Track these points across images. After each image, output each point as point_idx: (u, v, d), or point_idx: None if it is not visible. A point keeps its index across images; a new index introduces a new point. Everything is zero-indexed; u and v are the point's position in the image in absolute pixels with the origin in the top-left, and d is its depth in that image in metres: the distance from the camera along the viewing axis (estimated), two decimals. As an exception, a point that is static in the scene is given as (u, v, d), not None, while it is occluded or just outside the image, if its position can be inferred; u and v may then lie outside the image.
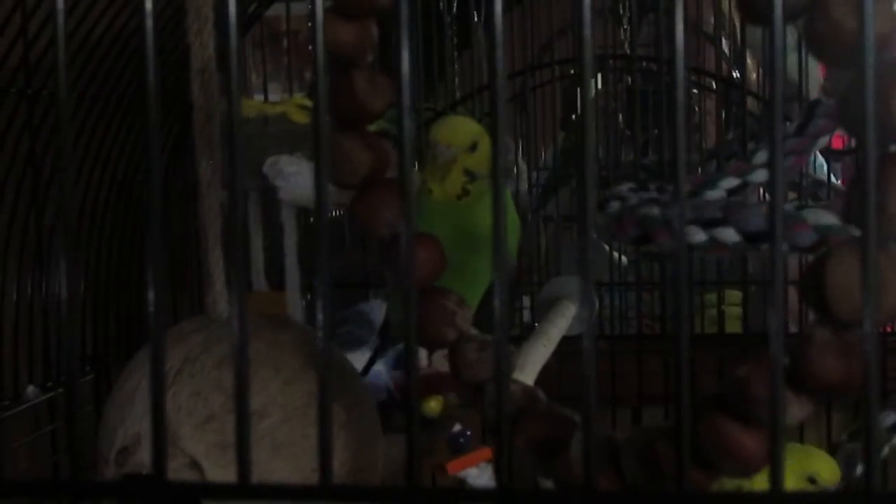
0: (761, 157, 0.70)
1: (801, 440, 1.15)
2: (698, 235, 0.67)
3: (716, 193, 0.71)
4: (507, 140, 1.55)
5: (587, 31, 0.35)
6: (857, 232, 0.40)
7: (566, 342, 1.06)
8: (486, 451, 0.90)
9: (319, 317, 0.34)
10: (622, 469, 0.48)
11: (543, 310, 1.09)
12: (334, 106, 0.54)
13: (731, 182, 0.72)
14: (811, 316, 0.41)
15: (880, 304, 0.39)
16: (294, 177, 0.96)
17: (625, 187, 0.75)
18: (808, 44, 0.40)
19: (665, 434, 0.47)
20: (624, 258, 1.60)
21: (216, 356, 0.66)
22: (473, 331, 0.58)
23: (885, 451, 0.67)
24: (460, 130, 0.88)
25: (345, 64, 0.53)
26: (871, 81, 0.33)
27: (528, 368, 0.90)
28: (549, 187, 1.71)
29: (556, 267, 1.53)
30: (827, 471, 0.76)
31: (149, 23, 0.33)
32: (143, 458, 0.65)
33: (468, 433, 0.96)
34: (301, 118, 0.97)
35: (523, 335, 1.08)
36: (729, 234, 0.66)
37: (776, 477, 0.33)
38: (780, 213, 0.33)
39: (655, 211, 0.70)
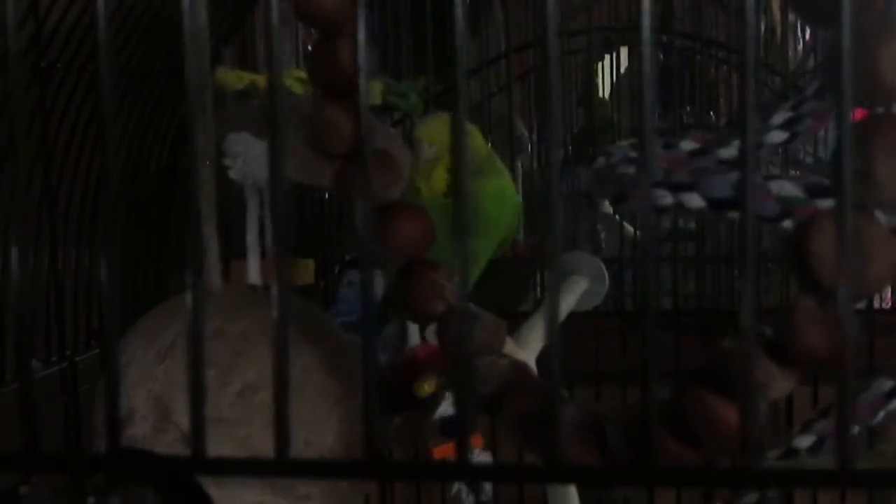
0: (778, 117, 0.68)
1: (790, 417, 1.14)
2: (666, 199, 0.66)
3: (729, 152, 0.69)
4: (517, 118, 1.53)
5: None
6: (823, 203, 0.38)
7: (577, 318, 1.05)
8: (478, 438, 0.89)
9: (274, 290, 0.33)
10: (609, 445, 0.47)
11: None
12: (319, 74, 0.53)
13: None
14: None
15: (864, 274, 0.38)
16: (241, 156, 0.95)
17: (626, 142, 0.74)
18: (790, 1, 0.38)
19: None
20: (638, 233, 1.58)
21: (209, 330, 0.66)
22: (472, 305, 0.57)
23: (881, 416, 0.66)
24: (443, 129, 0.87)
25: (329, 31, 0.52)
26: (848, 40, 0.32)
27: (531, 344, 0.89)
28: (565, 164, 1.69)
29: (570, 243, 1.51)
30: None
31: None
32: (135, 431, 0.65)
33: None
34: (299, 90, 0.97)
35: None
36: (694, 200, 0.65)
37: (749, 452, 0.32)
38: (751, 180, 0.31)
39: (631, 170, 0.69)
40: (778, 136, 0.66)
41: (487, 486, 1.06)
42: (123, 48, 0.99)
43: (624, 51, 1.75)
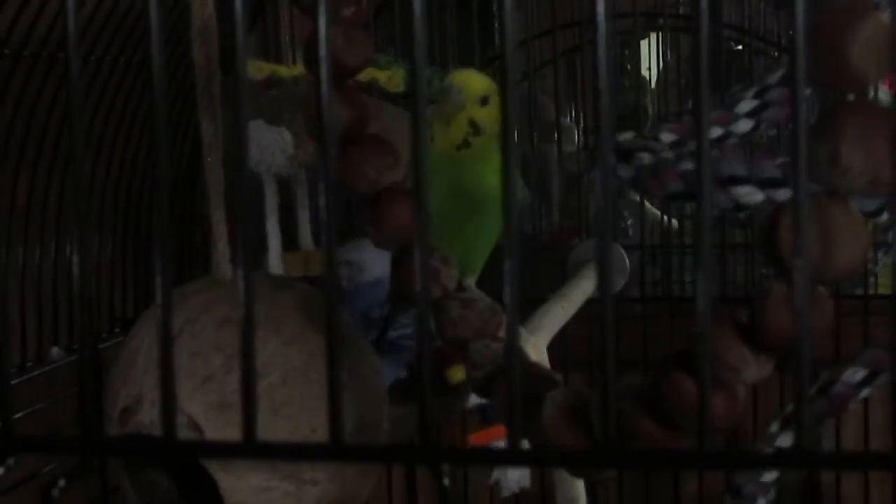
0: (744, 106, 0.67)
1: (755, 402, 1.14)
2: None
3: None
4: (544, 99, 1.54)
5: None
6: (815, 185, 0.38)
7: (598, 305, 1.05)
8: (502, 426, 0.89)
9: (241, 283, 0.34)
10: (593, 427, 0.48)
11: (573, 272, 1.08)
12: (312, 61, 0.54)
13: (714, 132, 0.69)
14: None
15: (832, 259, 0.38)
16: (254, 144, 0.96)
17: (628, 135, 0.74)
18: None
19: (632, 393, 0.46)
20: (675, 221, 1.58)
21: (217, 317, 0.67)
22: (476, 289, 0.58)
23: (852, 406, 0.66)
24: (475, 81, 0.88)
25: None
26: (802, 24, 0.32)
27: (543, 329, 0.89)
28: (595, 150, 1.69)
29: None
30: None
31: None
32: (143, 417, 0.66)
33: None
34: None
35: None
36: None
37: (703, 436, 0.32)
38: (707, 168, 0.32)
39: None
40: (744, 125, 0.65)
41: (515, 476, 1.06)
42: (142, 39, 1.00)
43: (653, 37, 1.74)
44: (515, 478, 1.06)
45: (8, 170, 0.88)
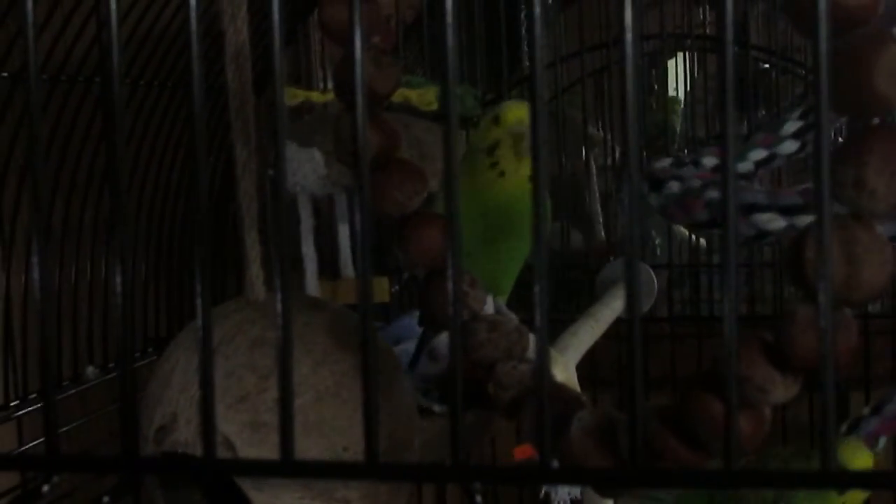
0: (790, 127, 0.68)
1: (784, 421, 1.14)
2: (776, 222, 0.65)
3: (745, 166, 0.69)
4: (575, 116, 1.54)
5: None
6: (841, 209, 0.39)
7: (627, 324, 1.05)
8: None
9: (279, 305, 0.35)
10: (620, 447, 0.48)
11: (602, 291, 1.09)
12: (342, 87, 0.55)
13: (759, 153, 0.70)
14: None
15: (857, 281, 0.39)
16: (290, 166, 0.96)
17: (665, 162, 0.74)
18: (786, 14, 0.39)
19: (660, 413, 0.46)
20: (703, 240, 1.59)
21: (250, 337, 0.67)
22: (506, 310, 0.58)
23: None
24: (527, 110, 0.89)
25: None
26: (824, 52, 0.33)
27: (572, 349, 0.90)
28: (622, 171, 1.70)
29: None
30: None
31: None
32: (179, 436, 0.67)
33: None
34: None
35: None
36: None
37: (729, 456, 0.33)
38: (732, 189, 0.32)
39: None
40: (790, 146, 0.66)
41: (566, 487, 1.06)
42: (176, 62, 1.01)
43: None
44: (566, 489, 1.06)
45: (44, 192, 0.90)
